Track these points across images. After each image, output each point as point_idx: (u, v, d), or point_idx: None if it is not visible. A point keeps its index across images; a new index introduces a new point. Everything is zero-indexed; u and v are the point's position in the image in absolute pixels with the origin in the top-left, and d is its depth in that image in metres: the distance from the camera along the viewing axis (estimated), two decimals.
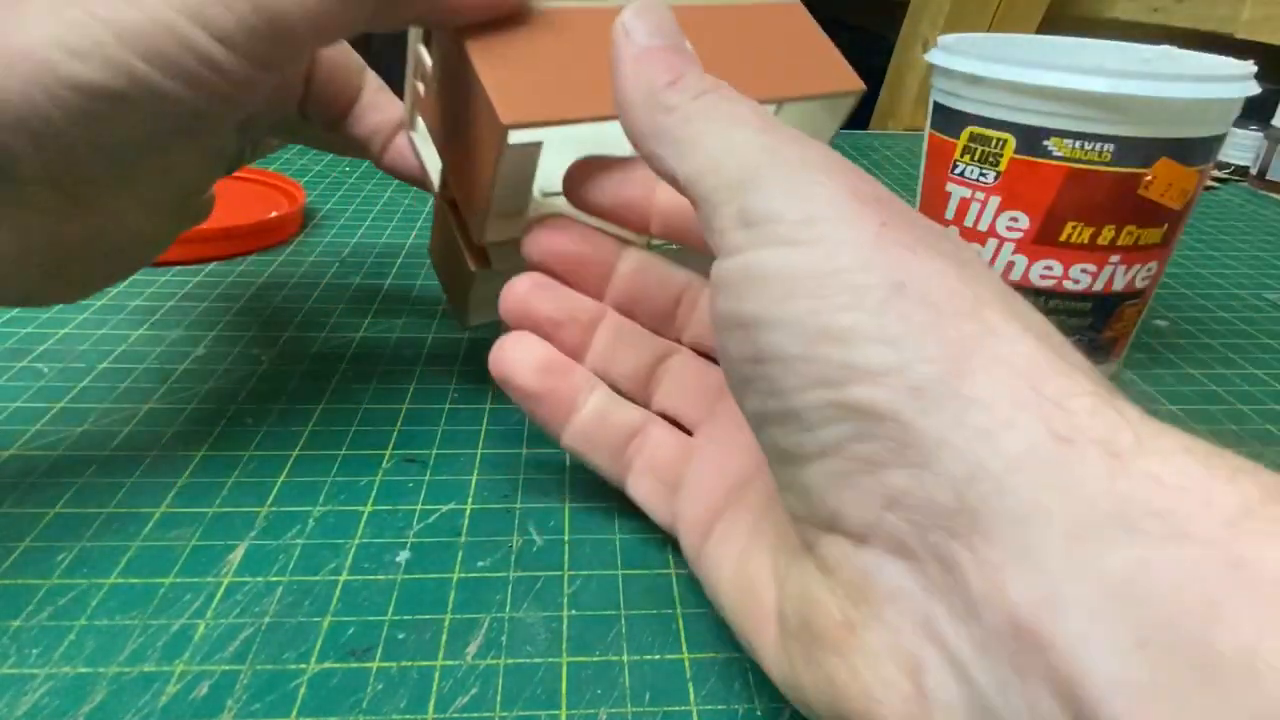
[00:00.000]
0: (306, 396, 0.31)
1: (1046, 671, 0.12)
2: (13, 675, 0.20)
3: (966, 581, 0.13)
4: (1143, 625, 0.11)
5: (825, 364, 0.15)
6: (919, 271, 0.15)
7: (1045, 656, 0.12)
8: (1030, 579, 0.13)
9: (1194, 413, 0.34)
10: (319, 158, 0.60)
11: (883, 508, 0.14)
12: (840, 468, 0.15)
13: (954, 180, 0.34)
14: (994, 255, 0.34)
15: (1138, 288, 0.34)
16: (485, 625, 0.22)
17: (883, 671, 0.14)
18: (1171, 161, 0.31)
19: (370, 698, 0.20)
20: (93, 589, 0.22)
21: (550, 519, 0.26)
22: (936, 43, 0.35)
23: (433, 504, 0.26)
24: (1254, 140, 0.69)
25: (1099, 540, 0.12)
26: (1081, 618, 0.12)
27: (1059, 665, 0.12)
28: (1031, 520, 0.13)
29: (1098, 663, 0.12)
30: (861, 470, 0.14)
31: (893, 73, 0.90)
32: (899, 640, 0.14)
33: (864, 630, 0.15)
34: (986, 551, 0.13)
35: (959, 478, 0.13)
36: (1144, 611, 0.11)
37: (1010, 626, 0.13)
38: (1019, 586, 0.13)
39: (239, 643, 0.21)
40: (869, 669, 0.15)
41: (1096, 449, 0.13)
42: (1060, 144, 0.31)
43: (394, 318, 0.38)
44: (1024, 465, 0.13)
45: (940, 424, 0.14)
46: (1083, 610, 0.12)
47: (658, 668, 0.21)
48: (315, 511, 0.25)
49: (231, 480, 0.27)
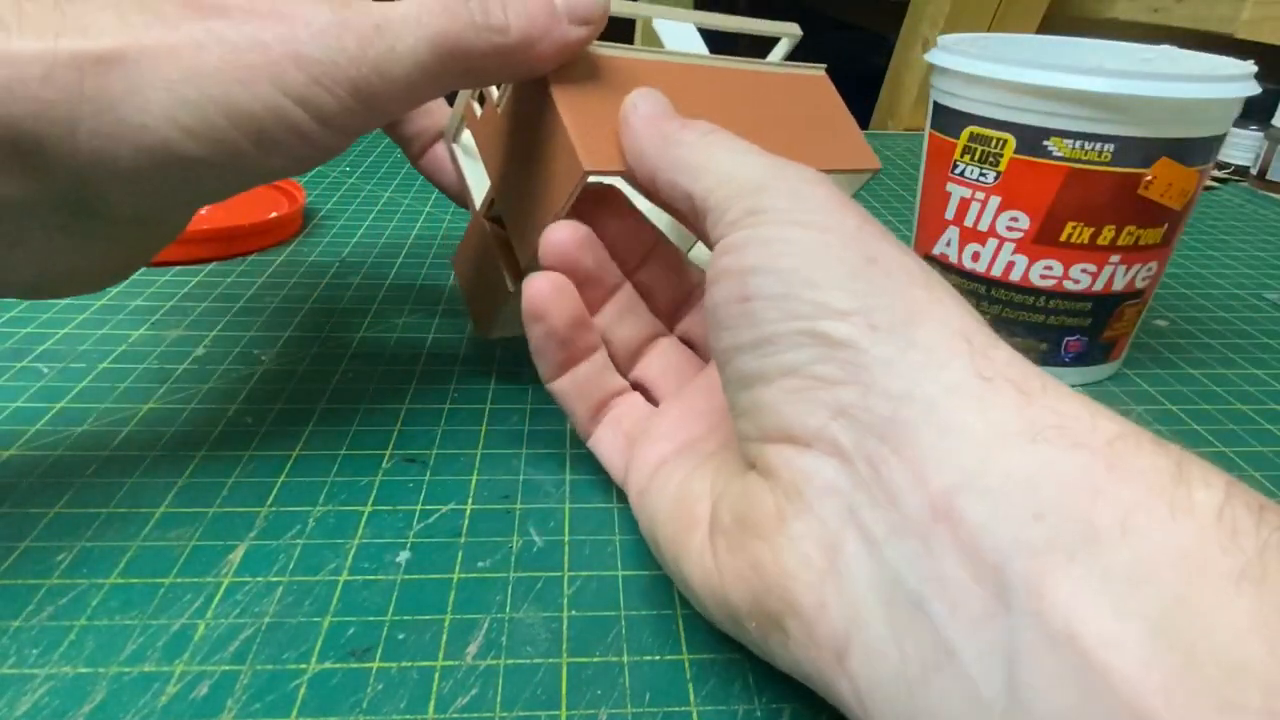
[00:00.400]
0: (306, 396, 0.31)
1: (955, 543, 0.15)
2: (13, 675, 0.20)
3: (891, 477, 0.16)
4: (1040, 504, 0.14)
5: (800, 301, 0.18)
6: (888, 253, 0.19)
7: (956, 532, 0.15)
8: (949, 473, 0.15)
9: (1194, 412, 0.34)
10: None
11: (829, 418, 0.17)
12: (798, 385, 0.18)
13: (954, 180, 0.34)
14: (994, 255, 0.34)
15: (1138, 288, 0.34)
16: (485, 626, 0.22)
17: (803, 550, 0.17)
18: (1171, 161, 0.31)
19: (370, 698, 0.20)
20: (93, 589, 0.22)
21: (550, 519, 0.26)
22: (936, 43, 0.35)
23: (433, 504, 0.26)
24: (1254, 140, 0.69)
25: (1008, 447, 0.15)
26: (990, 500, 0.15)
27: (965, 538, 0.15)
28: (953, 431, 0.16)
29: (1000, 531, 0.14)
30: (817, 387, 0.18)
31: (893, 73, 0.90)
32: (824, 527, 0.17)
33: (793, 520, 0.18)
34: (912, 452, 0.16)
35: (897, 396, 0.17)
36: (1041, 494, 0.14)
37: (928, 509, 0.15)
38: (938, 479, 0.15)
39: (239, 643, 0.21)
40: (790, 549, 0.17)
41: (1011, 387, 0.16)
42: (1060, 144, 0.31)
43: (394, 318, 0.38)
44: (952, 393, 0.16)
45: (889, 353, 0.17)
46: (991, 495, 0.15)
47: (658, 668, 0.21)
48: (315, 511, 0.25)
49: (231, 480, 0.27)
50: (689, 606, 0.23)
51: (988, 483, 0.15)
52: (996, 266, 0.34)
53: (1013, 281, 0.34)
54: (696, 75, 0.27)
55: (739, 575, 0.18)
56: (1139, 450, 0.15)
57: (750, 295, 0.19)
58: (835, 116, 0.30)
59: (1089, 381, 0.36)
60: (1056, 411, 0.15)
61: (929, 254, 0.36)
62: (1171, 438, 0.16)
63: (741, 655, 0.21)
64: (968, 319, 0.18)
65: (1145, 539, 0.13)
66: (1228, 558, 0.13)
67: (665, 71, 0.26)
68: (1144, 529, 0.13)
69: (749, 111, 0.27)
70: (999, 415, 0.16)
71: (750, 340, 0.19)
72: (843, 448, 0.17)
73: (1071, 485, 0.14)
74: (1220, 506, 0.13)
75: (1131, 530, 0.13)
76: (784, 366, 0.18)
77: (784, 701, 0.20)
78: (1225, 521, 0.13)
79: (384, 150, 0.63)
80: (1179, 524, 0.13)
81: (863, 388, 0.17)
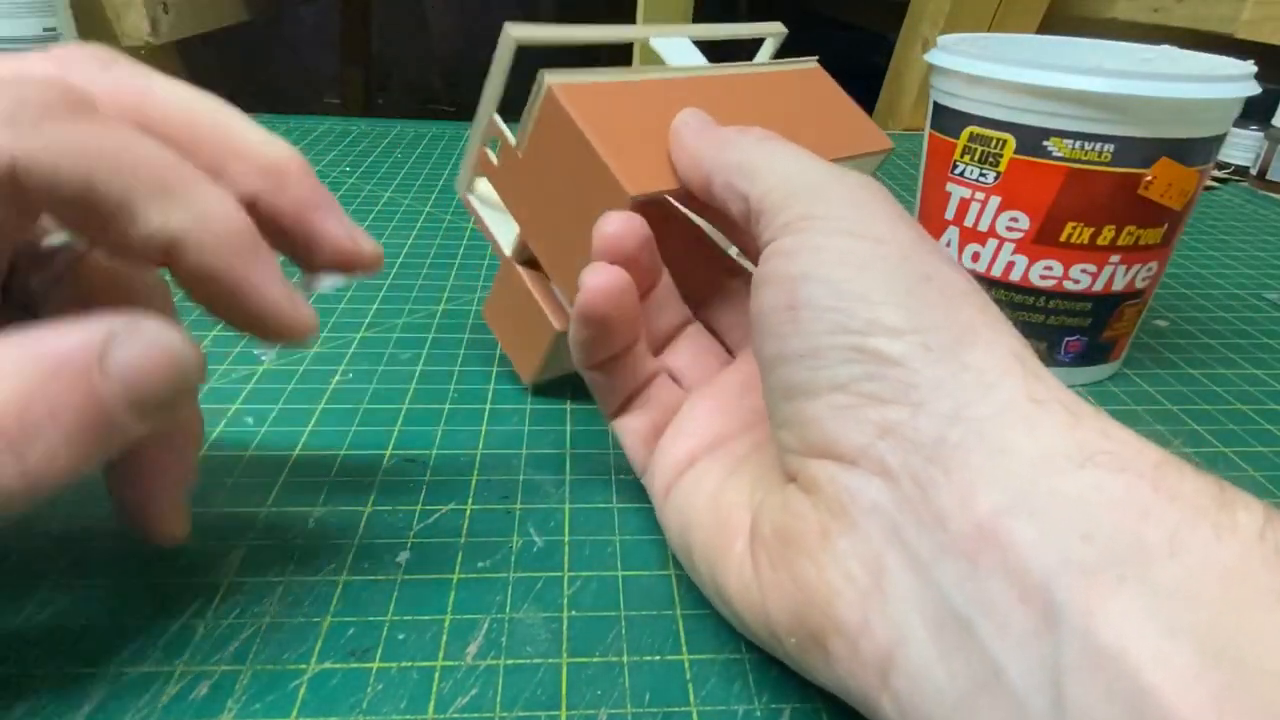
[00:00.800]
0: (306, 397, 0.31)
1: (1004, 564, 0.15)
2: (13, 675, 0.20)
3: (938, 497, 0.16)
4: (1089, 524, 0.14)
5: (853, 316, 0.18)
6: (943, 271, 0.18)
7: (1004, 553, 0.15)
8: (997, 494, 0.15)
9: (1194, 413, 0.34)
10: (318, 157, 0.60)
11: (876, 436, 0.17)
12: (846, 401, 0.18)
13: (954, 180, 0.34)
14: (994, 255, 0.34)
15: (1138, 288, 0.34)
16: (485, 626, 0.22)
17: (847, 568, 0.17)
18: (1171, 162, 0.31)
19: (370, 698, 0.20)
20: (93, 589, 0.22)
21: (550, 520, 0.26)
22: (936, 43, 0.35)
23: (433, 504, 0.26)
24: (1254, 140, 0.69)
25: (1057, 470, 0.15)
26: (1039, 521, 0.15)
27: (1014, 558, 0.15)
28: (1003, 452, 0.16)
29: (1049, 551, 0.14)
30: (866, 404, 0.17)
31: (893, 73, 0.90)
32: (869, 545, 0.17)
33: (838, 537, 0.17)
34: (961, 474, 0.16)
35: (948, 416, 0.16)
36: (1090, 515, 0.14)
37: (975, 530, 0.15)
38: (987, 499, 0.15)
39: (239, 643, 0.21)
40: (835, 566, 0.17)
41: (1061, 409, 0.16)
42: (1060, 144, 0.31)
43: (394, 318, 0.38)
44: (1002, 414, 0.16)
45: (941, 374, 0.17)
46: (1039, 516, 0.15)
47: (658, 668, 0.21)
48: (315, 511, 0.25)
49: (232, 480, 0.27)
50: (689, 607, 0.23)
51: (1036, 504, 0.15)
52: (996, 267, 0.34)
53: (1013, 282, 0.34)
54: (705, 85, 0.27)
55: (780, 590, 0.18)
56: (1183, 475, 0.15)
57: (799, 304, 0.18)
58: (839, 104, 0.30)
59: (1089, 381, 0.36)
60: (1105, 434, 0.16)
61: None
62: (1172, 438, 0.16)
63: (741, 655, 0.21)
64: (1019, 343, 0.18)
65: (1192, 556, 0.13)
66: (1271, 575, 0.13)
67: (678, 87, 0.26)
68: (1190, 547, 0.13)
69: (761, 112, 0.27)
70: (1049, 437, 0.16)
71: (797, 350, 0.18)
72: (889, 467, 0.17)
73: (1120, 506, 0.14)
74: (1261, 527, 0.14)
75: (1179, 549, 0.13)
76: (832, 381, 0.18)
77: (784, 702, 0.20)
78: (1268, 541, 0.13)
79: (384, 150, 0.63)
80: (1224, 543, 0.13)
81: (912, 407, 0.17)
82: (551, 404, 0.32)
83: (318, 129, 0.68)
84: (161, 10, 0.75)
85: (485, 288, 0.42)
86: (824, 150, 0.22)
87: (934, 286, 0.18)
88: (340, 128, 0.69)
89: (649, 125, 0.25)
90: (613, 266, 0.22)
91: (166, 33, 0.76)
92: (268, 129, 0.20)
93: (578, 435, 0.30)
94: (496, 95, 0.29)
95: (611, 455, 0.29)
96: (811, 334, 0.18)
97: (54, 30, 0.60)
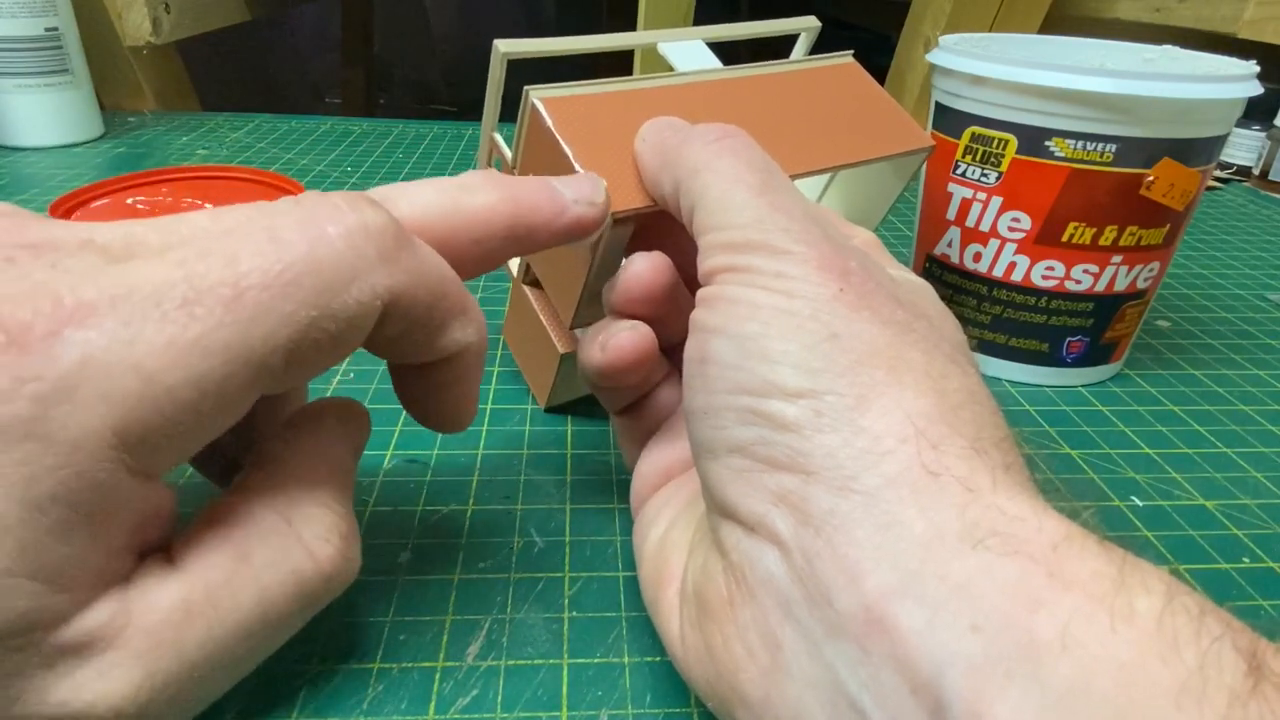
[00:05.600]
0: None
1: (893, 653, 0.14)
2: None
3: (825, 573, 0.15)
4: (977, 614, 0.14)
5: (752, 376, 0.17)
6: (854, 329, 0.17)
7: (892, 641, 0.14)
8: (884, 574, 0.15)
9: (1195, 413, 0.34)
10: (319, 157, 0.60)
11: (771, 503, 0.16)
12: (743, 465, 0.17)
13: (955, 180, 0.34)
14: (996, 256, 0.34)
15: (1140, 288, 0.34)
16: (486, 626, 0.22)
17: (749, 640, 0.16)
18: (1173, 162, 0.31)
19: (371, 699, 0.20)
20: None
21: (551, 520, 0.26)
22: (938, 43, 0.35)
23: (434, 505, 0.26)
24: (1256, 140, 0.69)
25: (947, 550, 0.14)
26: (925, 608, 0.14)
27: (902, 647, 0.14)
28: (892, 528, 0.15)
29: (936, 642, 0.14)
30: (761, 470, 0.17)
31: (894, 73, 0.90)
32: (765, 619, 0.16)
33: (740, 607, 0.17)
34: (847, 550, 0.15)
35: (837, 487, 0.16)
36: (979, 604, 0.14)
37: (862, 612, 0.15)
38: (873, 580, 0.15)
39: None
40: (738, 640, 0.17)
41: (957, 484, 0.15)
42: (1062, 144, 0.31)
43: None
44: (894, 486, 0.15)
45: (833, 442, 0.16)
46: (927, 602, 0.14)
47: (658, 669, 0.21)
48: None
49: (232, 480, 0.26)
50: None
51: (925, 588, 0.14)
52: (998, 267, 0.34)
53: (1014, 282, 0.34)
54: (713, 90, 0.26)
55: (698, 653, 0.18)
56: (1083, 555, 0.14)
57: (707, 358, 0.18)
58: (876, 101, 0.29)
59: (1090, 382, 0.36)
60: (1002, 512, 0.15)
61: (930, 254, 0.36)
62: (1173, 438, 0.15)
63: None
64: (931, 407, 0.16)
65: (1085, 651, 0.13)
66: (1168, 670, 0.12)
67: (677, 94, 0.25)
68: (1084, 641, 0.13)
69: (782, 114, 0.26)
70: (939, 514, 0.15)
71: (702, 407, 0.18)
72: (781, 537, 0.16)
73: (1011, 594, 0.14)
74: (1160, 613, 0.13)
75: (1071, 643, 0.13)
76: (730, 443, 0.17)
77: None
78: (1166, 630, 0.13)
79: (385, 150, 0.63)
80: (1119, 635, 0.13)
81: (805, 476, 0.16)
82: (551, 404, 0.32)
83: (318, 129, 0.68)
84: (163, 10, 0.75)
85: (486, 287, 0.42)
86: (859, 151, 0.20)
87: (840, 345, 0.17)
88: (341, 128, 0.69)
89: None
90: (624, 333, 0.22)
91: (168, 32, 0.76)
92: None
93: (579, 436, 0.30)
94: (495, 112, 0.28)
95: (612, 456, 0.29)
96: (715, 392, 0.18)
97: (55, 30, 0.59)
